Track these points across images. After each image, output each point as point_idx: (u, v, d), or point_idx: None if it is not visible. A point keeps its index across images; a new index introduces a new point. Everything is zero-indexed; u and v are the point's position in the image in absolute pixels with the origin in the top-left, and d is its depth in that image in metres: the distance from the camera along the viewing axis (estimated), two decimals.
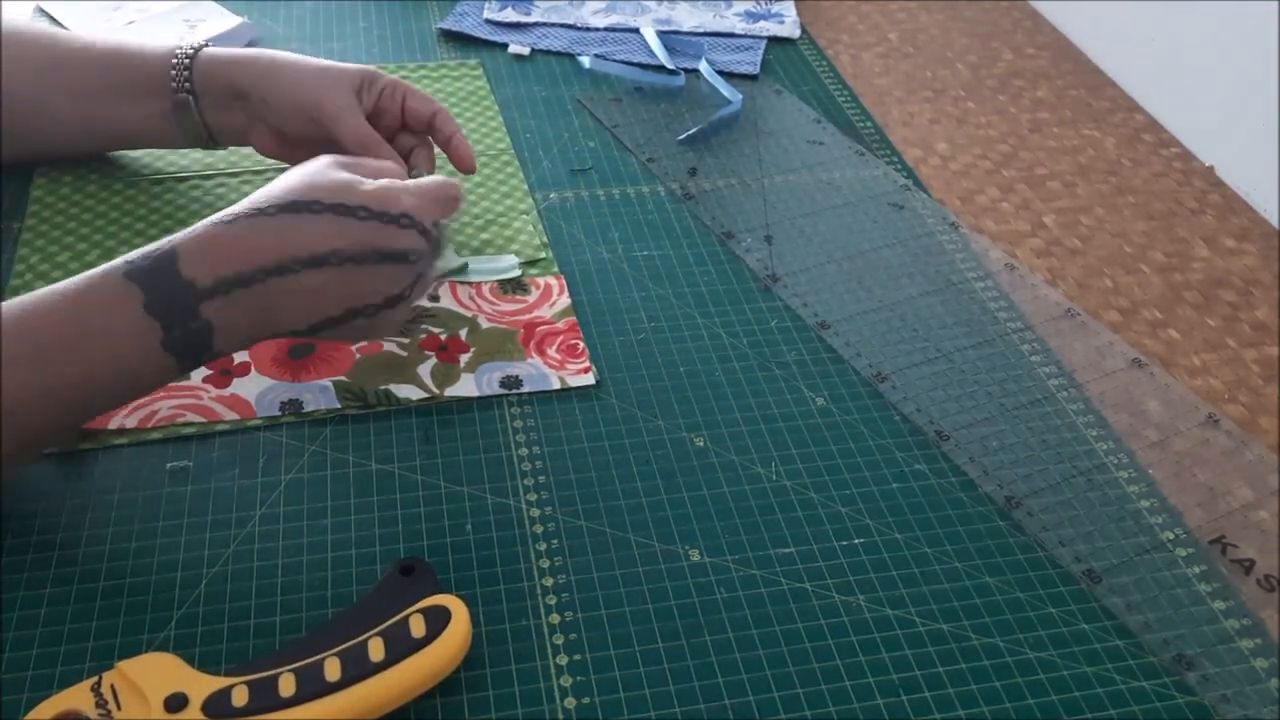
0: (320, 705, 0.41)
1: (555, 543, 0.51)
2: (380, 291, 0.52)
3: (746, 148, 0.79)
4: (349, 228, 0.50)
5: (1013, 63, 0.94)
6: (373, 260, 0.51)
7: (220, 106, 0.65)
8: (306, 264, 0.49)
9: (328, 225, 0.50)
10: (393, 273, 0.52)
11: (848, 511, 0.53)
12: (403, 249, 0.52)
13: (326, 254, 0.50)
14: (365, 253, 0.50)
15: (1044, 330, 0.64)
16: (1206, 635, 0.49)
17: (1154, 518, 0.54)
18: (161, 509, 0.51)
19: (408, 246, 0.52)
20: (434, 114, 0.66)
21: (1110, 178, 0.80)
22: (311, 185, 0.51)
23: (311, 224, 0.50)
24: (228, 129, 0.66)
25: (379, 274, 0.51)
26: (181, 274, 0.47)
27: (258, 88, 0.64)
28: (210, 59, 0.64)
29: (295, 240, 0.49)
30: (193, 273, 0.48)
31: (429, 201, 0.54)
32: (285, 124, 0.64)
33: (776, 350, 0.62)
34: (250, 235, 0.49)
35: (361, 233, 0.50)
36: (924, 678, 0.47)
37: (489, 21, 0.91)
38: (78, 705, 0.41)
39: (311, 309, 0.51)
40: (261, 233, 0.49)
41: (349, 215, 0.50)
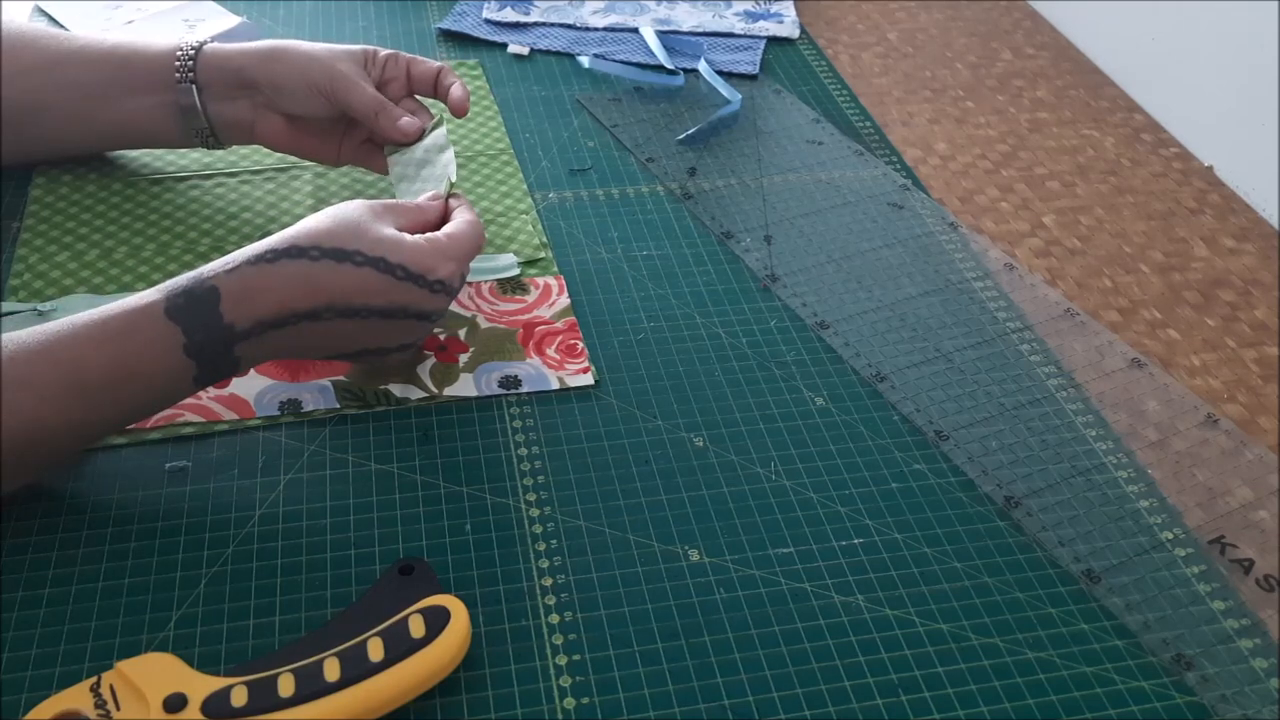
0: (319, 705, 0.41)
1: (555, 543, 0.51)
2: (397, 340, 0.54)
3: (746, 148, 0.79)
4: (386, 286, 0.51)
5: (1012, 63, 0.94)
6: (399, 317, 0.52)
7: (226, 98, 0.65)
8: (340, 313, 0.51)
9: (366, 280, 0.51)
10: (416, 328, 0.54)
11: (847, 511, 0.53)
12: (429, 310, 0.53)
13: (360, 307, 0.51)
14: (396, 310, 0.52)
15: (1043, 330, 0.64)
16: (1206, 635, 0.49)
17: (1153, 517, 0.54)
18: (160, 509, 0.51)
19: (436, 309, 0.54)
20: (439, 71, 0.67)
21: (1110, 177, 0.80)
22: (355, 234, 0.51)
23: (351, 276, 0.50)
24: (232, 123, 0.66)
25: (403, 328, 0.53)
26: (223, 317, 0.48)
27: (265, 72, 0.64)
28: (214, 52, 0.65)
29: (332, 289, 0.50)
30: (232, 317, 0.49)
31: (462, 261, 0.55)
32: (296, 105, 0.65)
33: (776, 350, 0.62)
34: (293, 280, 0.50)
35: (397, 293, 0.51)
36: (923, 678, 0.47)
37: (488, 21, 0.91)
38: (77, 705, 0.41)
39: (330, 347, 0.53)
40: (303, 279, 0.50)
41: (389, 273, 0.51)
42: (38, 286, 0.62)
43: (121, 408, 0.49)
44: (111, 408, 0.48)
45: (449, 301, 0.55)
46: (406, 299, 0.52)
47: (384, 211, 0.54)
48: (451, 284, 0.54)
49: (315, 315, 0.50)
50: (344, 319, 0.51)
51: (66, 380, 0.46)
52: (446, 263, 0.53)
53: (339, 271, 0.50)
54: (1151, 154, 0.83)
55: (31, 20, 0.85)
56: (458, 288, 0.55)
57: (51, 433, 0.47)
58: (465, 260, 0.55)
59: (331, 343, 0.52)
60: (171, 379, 0.49)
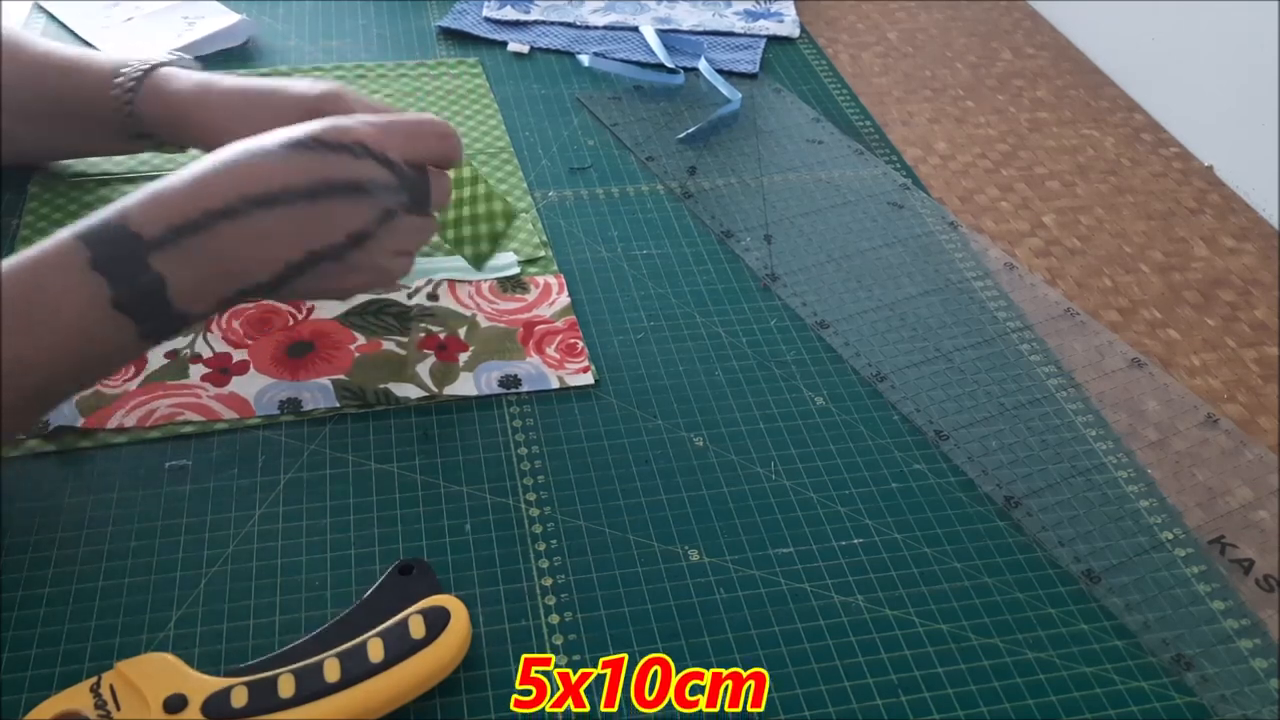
0: (320, 706, 0.41)
1: (555, 543, 0.51)
2: (341, 228, 0.49)
3: (746, 147, 0.79)
4: (300, 162, 0.48)
5: (1012, 62, 0.94)
6: (326, 194, 0.48)
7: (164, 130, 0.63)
8: (256, 203, 0.47)
9: (275, 162, 0.48)
10: (351, 206, 0.49)
11: (847, 511, 0.53)
12: (357, 179, 0.49)
13: (277, 191, 0.48)
14: (316, 186, 0.48)
15: (1043, 330, 0.64)
16: (1205, 635, 0.49)
17: (1153, 517, 0.54)
18: (160, 508, 0.51)
19: (362, 176, 0.49)
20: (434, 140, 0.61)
21: (1110, 177, 0.80)
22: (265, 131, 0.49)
23: (259, 162, 0.48)
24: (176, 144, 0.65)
25: (336, 209, 0.49)
26: (129, 227, 0.46)
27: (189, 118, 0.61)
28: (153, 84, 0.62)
29: (243, 180, 0.47)
30: (140, 225, 0.46)
31: (394, 133, 0.51)
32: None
33: (776, 350, 0.62)
34: (198, 181, 0.47)
35: (310, 164, 0.48)
36: (923, 678, 0.47)
37: (488, 19, 0.91)
38: (77, 705, 0.40)
39: (269, 255, 0.49)
40: (209, 178, 0.47)
41: (298, 149, 0.48)
42: None
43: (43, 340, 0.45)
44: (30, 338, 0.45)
45: (387, 173, 0.50)
46: (324, 170, 0.48)
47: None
48: (376, 149, 0.50)
49: (231, 211, 0.47)
50: (265, 209, 0.47)
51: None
52: (365, 126, 0.50)
53: (248, 160, 0.48)
54: (1151, 154, 0.83)
55: (30, 18, 0.85)
56: (399, 164, 0.51)
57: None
58: (395, 132, 0.51)
59: (269, 247, 0.48)
60: (87, 303, 0.45)
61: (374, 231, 0.50)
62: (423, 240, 0.55)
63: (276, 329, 0.60)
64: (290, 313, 0.61)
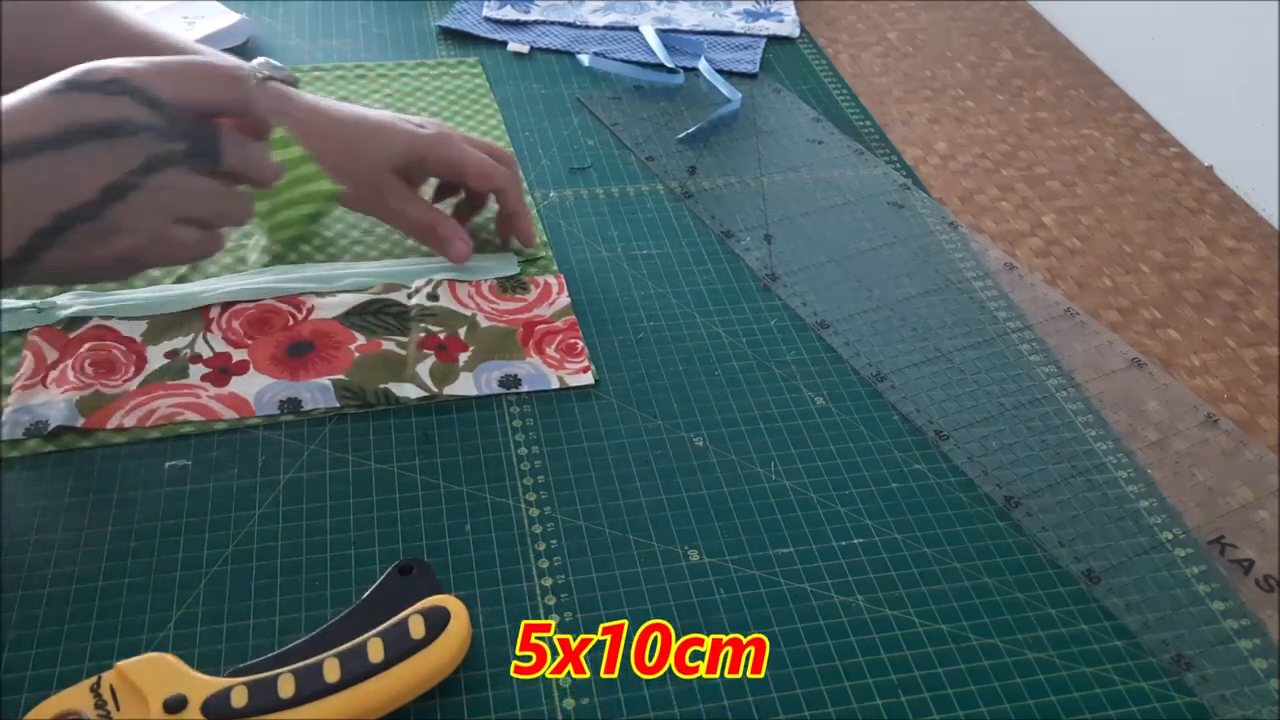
0: (320, 706, 0.41)
1: (555, 543, 0.51)
2: (94, 181, 0.42)
3: (746, 147, 0.79)
4: (42, 106, 0.41)
5: (1012, 62, 0.94)
6: (74, 140, 0.41)
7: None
8: (14, 152, 0.40)
9: (16, 106, 0.41)
10: (106, 153, 0.42)
11: (847, 511, 0.53)
12: (110, 120, 0.42)
13: (19, 140, 0.40)
14: (64, 132, 0.41)
15: (1043, 330, 0.64)
16: (1205, 635, 0.49)
17: (1153, 518, 0.54)
18: (160, 508, 0.51)
19: (117, 115, 0.42)
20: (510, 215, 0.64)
21: (1110, 177, 0.80)
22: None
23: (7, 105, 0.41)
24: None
25: (86, 157, 0.42)
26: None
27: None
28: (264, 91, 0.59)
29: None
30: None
31: (161, 67, 0.44)
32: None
33: (776, 350, 0.62)
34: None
35: (58, 107, 0.41)
36: (923, 678, 0.47)
37: (488, 19, 0.91)
38: (77, 706, 0.40)
39: (12, 225, 0.41)
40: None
41: (43, 92, 0.41)
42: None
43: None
44: None
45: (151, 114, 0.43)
46: (73, 113, 0.41)
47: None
48: (137, 85, 0.43)
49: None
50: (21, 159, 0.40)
51: None
52: (122, 61, 0.44)
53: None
54: (1151, 154, 0.83)
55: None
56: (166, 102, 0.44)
57: None
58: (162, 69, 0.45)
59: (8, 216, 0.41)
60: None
61: (137, 184, 0.43)
62: (223, 212, 0.47)
63: (276, 329, 0.60)
64: (290, 313, 0.61)
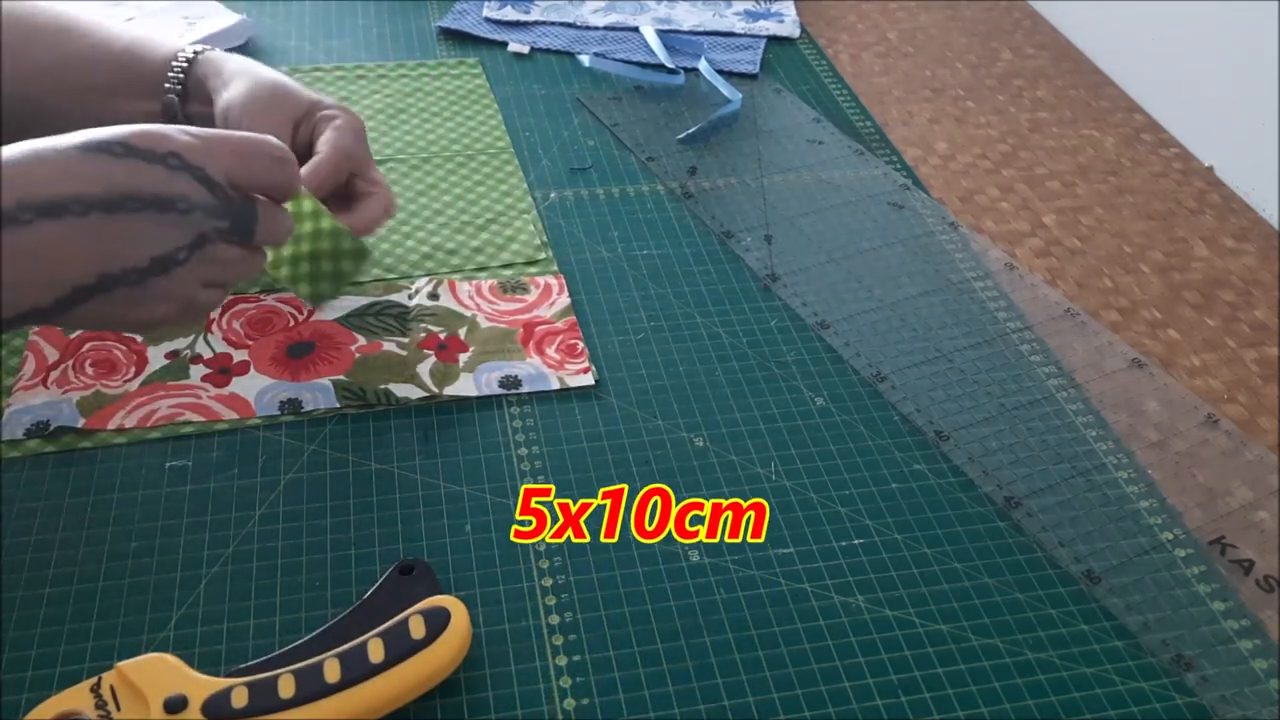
0: (320, 706, 0.41)
1: (555, 543, 0.51)
2: (143, 251, 0.42)
3: (746, 147, 0.79)
4: (99, 166, 0.41)
5: (1012, 63, 0.94)
6: (129, 208, 0.42)
7: (202, 111, 0.61)
8: (41, 211, 0.40)
9: (71, 162, 0.41)
10: (157, 226, 0.43)
11: (847, 512, 0.53)
12: (167, 194, 0.43)
13: (68, 199, 0.40)
14: (117, 197, 0.41)
15: (1043, 330, 0.64)
16: (1205, 636, 0.49)
17: (1153, 518, 0.54)
18: (161, 509, 0.51)
19: (175, 192, 0.43)
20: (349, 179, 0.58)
21: (1110, 177, 0.80)
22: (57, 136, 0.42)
23: (49, 162, 0.40)
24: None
25: (139, 227, 0.42)
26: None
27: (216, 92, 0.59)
28: (203, 61, 0.61)
29: (25, 180, 0.40)
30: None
31: (220, 148, 0.45)
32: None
33: (776, 350, 0.62)
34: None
35: (114, 172, 0.41)
36: (923, 678, 0.47)
37: (488, 20, 0.91)
38: (77, 706, 0.40)
39: (54, 276, 0.41)
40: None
41: (101, 151, 0.41)
42: None
43: None
44: None
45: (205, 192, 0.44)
46: (131, 181, 0.41)
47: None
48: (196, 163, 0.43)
49: (9, 219, 0.39)
50: (51, 219, 0.40)
51: None
52: (184, 135, 0.44)
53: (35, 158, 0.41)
54: (1151, 154, 0.83)
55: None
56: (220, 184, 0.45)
57: None
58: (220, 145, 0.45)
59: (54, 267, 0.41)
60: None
61: (184, 259, 0.44)
62: (243, 275, 0.49)
63: (277, 329, 0.60)
64: (291, 313, 0.61)
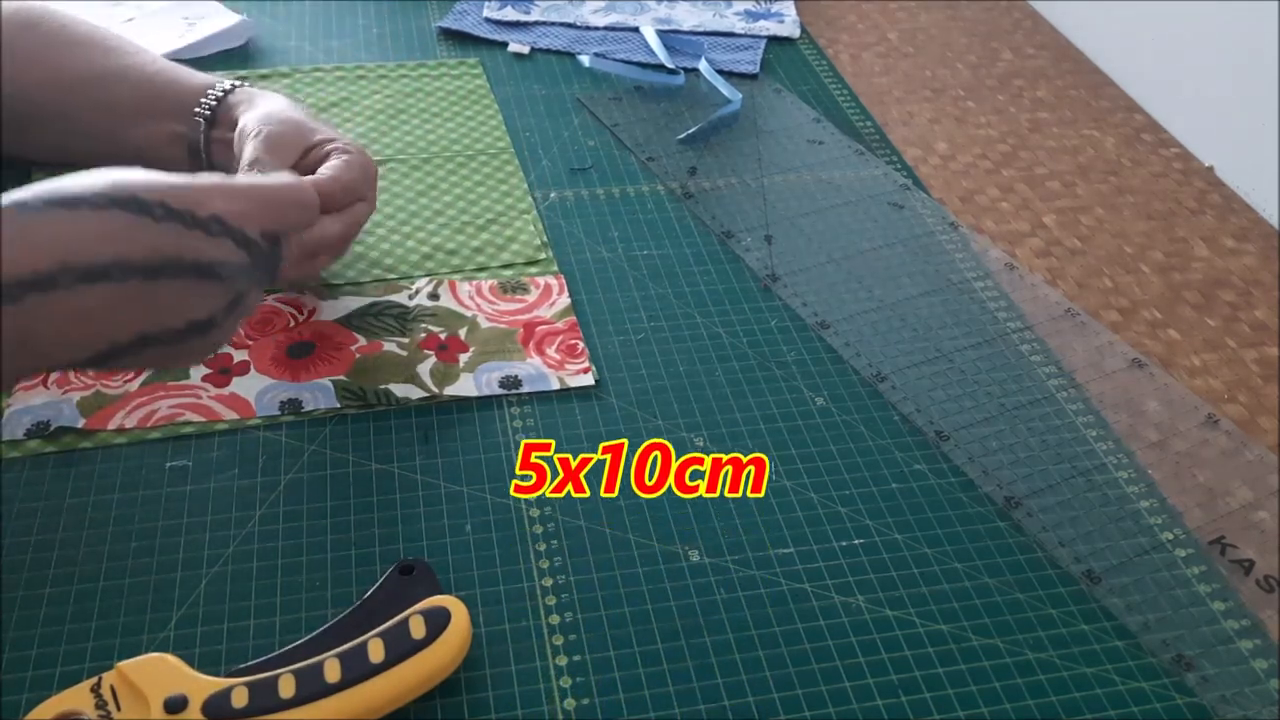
0: (320, 706, 0.41)
1: (555, 543, 0.51)
2: (182, 314, 0.42)
3: (746, 147, 0.79)
4: (140, 230, 0.40)
5: (1013, 63, 0.94)
6: (169, 274, 0.41)
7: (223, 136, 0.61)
8: (81, 276, 0.39)
9: (111, 225, 0.40)
10: (198, 291, 0.42)
11: (847, 512, 0.53)
12: (210, 261, 0.42)
13: (108, 264, 0.39)
14: (160, 264, 0.41)
15: (1044, 330, 0.64)
16: (1206, 636, 0.49)
17: (1153, 518, 0.54)
18: (161, 509, 0.51)
19: (217, 258, 0.42)
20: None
21: (1110, 178, 0.80)
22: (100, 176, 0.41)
23: (89, 222, 0.39)
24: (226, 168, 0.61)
25: (179, 292, 0.42)
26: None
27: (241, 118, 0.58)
28: (240, 93, 0.61)
29: (65, 243, 0.39)
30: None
31: (256, 205, 0.45)
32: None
33: (776, 350, 0.62)
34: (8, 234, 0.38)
35: (156, 237, 0.41)
36: (923, 678, 0.47)
37: (488, 20, 0.91)
38: (77, 706, 0.40)
39: (91, 336, 0.41)
40: (20, 234, 0.38)
41: (141, 214, 0.40)
42: None
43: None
44: None
45: (244, 255, 0.43)
46: (173, 246, 0.41)
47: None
48: (237, 227, 0.43)
49: (47, 282, 0.38)
50: (90, 284, 0.39)
51: None
52: (226, 198, 0.43)
53: (71, 219, 0.39)
54: (1152, 154, 0.83)
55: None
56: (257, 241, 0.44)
57: None
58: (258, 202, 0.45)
59: (92, 328, 0.40)
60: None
61: (220, 322, 0.44)
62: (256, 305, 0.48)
63: (277, 329, 0.60)
64: (291, 314, 0.61)
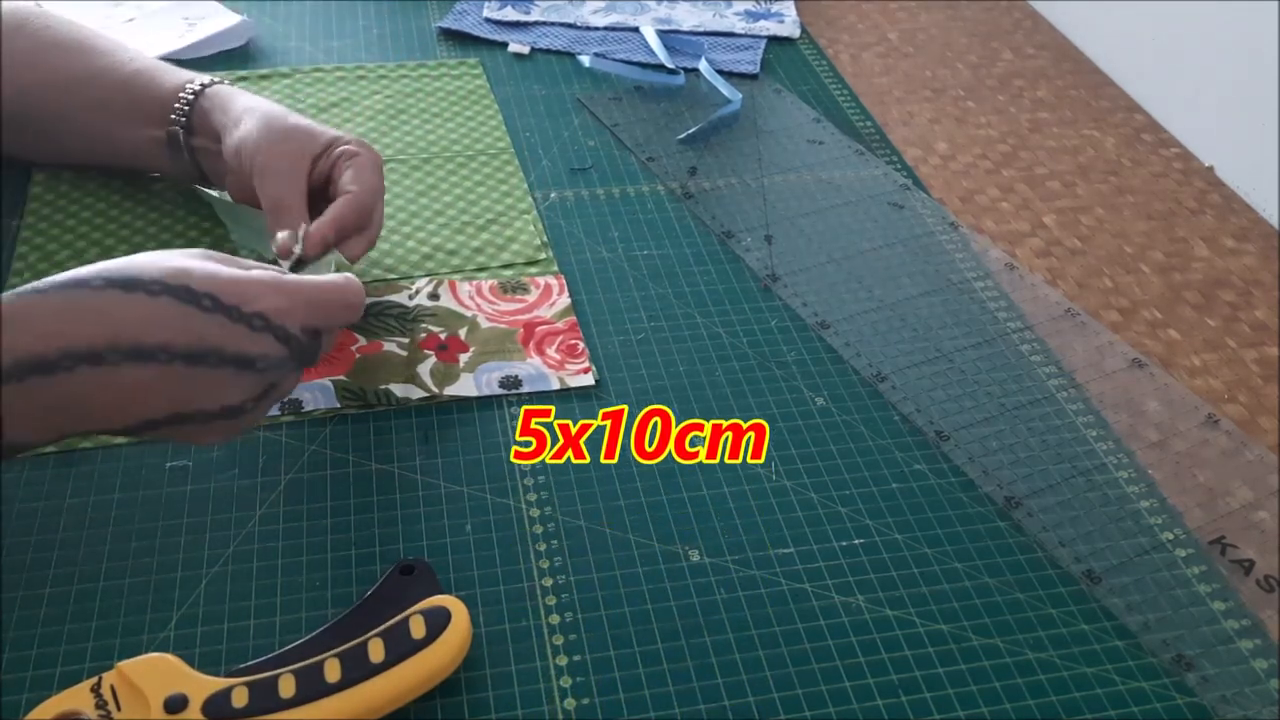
0: (320, 706, 0.41)
1: (555, 543, 0.51)
2: (217, 399, 0.44)
3: (746, 147, 0.79)
4: (188, 319, 0.43)
5: (1013, 63, 0.94)
6: (210, 362, 0.43)
7: (206, 145, 0.62)
8: (128, 355, 0.41)
9: (162, 311, 0.42)
10: (234, 380, 0.44)
11: (847, 512, 0.53)
12: (249, 354, 0.44)
13: (155, 347, 0.42)
14: (202, 352, 0.43)
15: (1044, 330, 0.64)
16: (1206, 636, 0.49)
17: (1154, 518, 0.54)
18: (161, 509, 0.51)
19: (256, 352, 0.44)
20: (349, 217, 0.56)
21: (1110, 178, 0.80)
22: (156, 262, 0.43)
23: (142, 306, 0.42)
24: (214, 170, 0.63)
25: (217, 379, 0.44)
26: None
27: (224, 129, 0.59)
28: (209, 95, 0.61)
29: (118, 324, 0.41)
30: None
31: (301, 304, 0.46)
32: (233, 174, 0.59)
33: (776, 350, 0.62)
34: (64, 312, 0.41)
35: (202, 327, 0.43)
36: (923, 678, 0.47)
37: (489, 20, 0.91)
38: (77, 706, 0.40)
39: (130, 408, 0.43)
40: (78, 310, 0.41)
41: (191, 303, 0.43)
42: None
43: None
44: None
45: (283, 349, 0.45)
46: (217, 337, 0.43)
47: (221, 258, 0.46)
48: (280, 324, 0.45)
49: (96, 357, 0.41)
50: (136, 363, 0.41)
51: None
52: (273, 295, 0.45)
53: (126, 301, 0.42)
54: (1152, 154, 0.83)
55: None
56: (297, 336, 0.46)
57: None
58: (302, 301, 0.46)
59: (130, 402, 0.43)
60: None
61: (253, 409, 0.46)
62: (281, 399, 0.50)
63: None
64: None
